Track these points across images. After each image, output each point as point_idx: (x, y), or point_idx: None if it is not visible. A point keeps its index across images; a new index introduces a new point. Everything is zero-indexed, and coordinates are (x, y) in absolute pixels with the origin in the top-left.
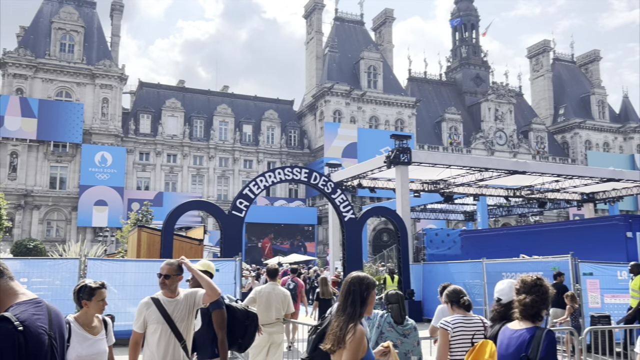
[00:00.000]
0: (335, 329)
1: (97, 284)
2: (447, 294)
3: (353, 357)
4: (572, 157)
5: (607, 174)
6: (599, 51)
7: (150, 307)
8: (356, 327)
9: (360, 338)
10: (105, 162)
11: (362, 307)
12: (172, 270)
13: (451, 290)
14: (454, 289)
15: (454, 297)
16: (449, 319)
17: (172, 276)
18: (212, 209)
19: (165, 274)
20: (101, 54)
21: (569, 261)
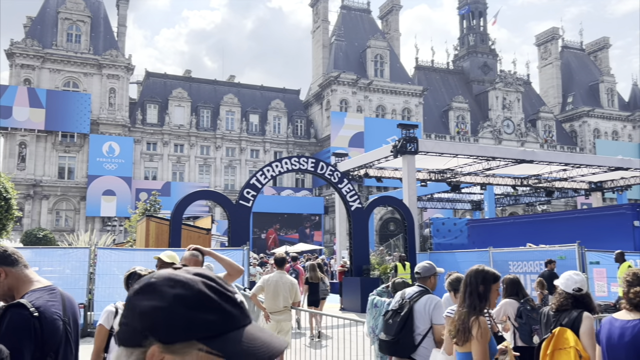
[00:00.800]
0: (457, 321)
1: (147, 271)
2: (450, 281)
3: (483, 349)
4: (581, 145)
5: (615, 162)
6: (608, 38)
7: None
8: (479, 319)
9: (486, 329)
10: (113, 152)
11: (481, 300)
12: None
13: (454, 278)
14: (457, 277)
15: (457, 285)
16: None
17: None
18: (219, 199)
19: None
20: (108, 44)
21: (576, 250)
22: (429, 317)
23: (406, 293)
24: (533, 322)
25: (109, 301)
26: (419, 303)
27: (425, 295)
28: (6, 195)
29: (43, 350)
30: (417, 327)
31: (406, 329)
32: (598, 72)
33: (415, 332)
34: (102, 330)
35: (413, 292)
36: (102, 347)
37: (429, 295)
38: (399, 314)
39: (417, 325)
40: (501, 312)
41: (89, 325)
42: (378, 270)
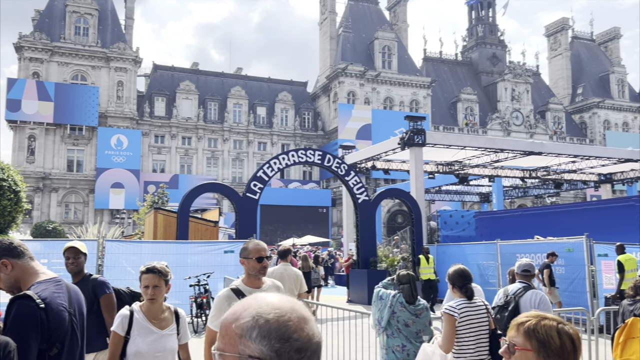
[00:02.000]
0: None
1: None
2: (450, 274)
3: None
4: (590, 137)
5: (625, 154)
6: (619, 29)
7: (233, 302)
8: None
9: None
10: (121, 145)
11: None
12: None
13: (454, 272)
14: (457, 271)
15: (456, 280)
16: (454, 304)
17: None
18: (227, 191)
19: (267, 255)
20: (115, 37)
21: (584, 242)
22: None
23: (509, 289)
24: None
25: None
26: (524, 298)
27: (530, 290)
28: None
29: (49, 341)
30: None
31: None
32: (608, 62)
33: None
34: (116, 337)
35: (516, 288)
36: (117, 354)
37: (534, 290)
38: (506, 309)
39: None
40: None
41: None
42: (385, 263)
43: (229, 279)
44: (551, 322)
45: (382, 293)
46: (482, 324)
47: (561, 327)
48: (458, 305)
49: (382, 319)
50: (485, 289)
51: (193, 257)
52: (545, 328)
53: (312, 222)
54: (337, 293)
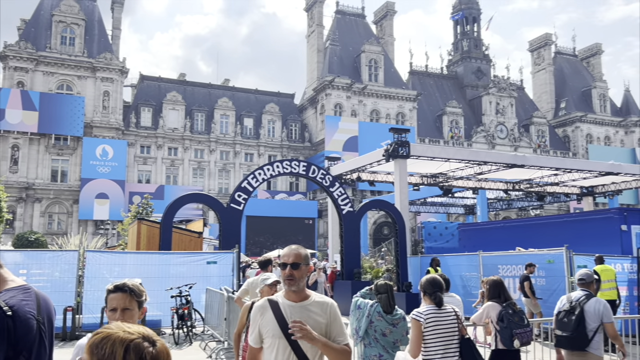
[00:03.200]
0: None
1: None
2: (421, 283)
3: None
4: (574, 150)
5: (606, 167)
6: (600, 44)
7: (266, 313)
8: None
9: None
10: (107, 155)
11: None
12: (300, 257)
13: (425, 280)
14: (428, 280)
15: (427, 288)
16: (421, 310)
17: (302, 266)
18: (210, 202)
19: (293, 262)
20: (102, 47)
21: (564, 254)
22: (598, 316)
23: (572, 296)
24: (514, 325)
25: (98, 304)
26: (588, 304)
27: (593, 298)
28: None
29: (16, 349)
30: (588, 325)
31: (580, 326)
32: (590, 77)
33: (588, 329)
34: None
35: (580, 296)
36: None
37: (596, 298)
38: (573, 314)
39: (588, 323)
40: (484, 315)
41: (77, 328)
42: (370, 274)
43: (211, 290)
44: (127, 336)
45: (360, 302)
46: (451, 330)
47: (137, 343)
48: (425, 311)
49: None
50: (468, 300)
51: (176, 268)
52: (113, 344)
53: (299, 233)
54: None
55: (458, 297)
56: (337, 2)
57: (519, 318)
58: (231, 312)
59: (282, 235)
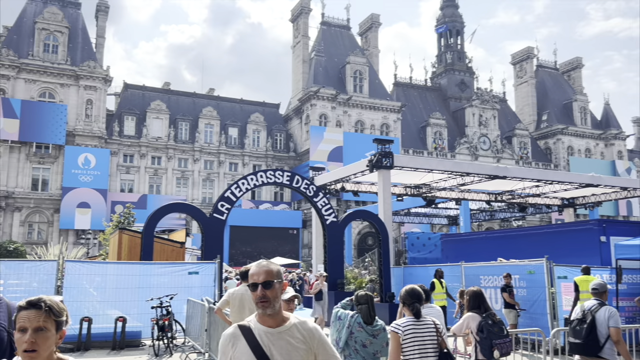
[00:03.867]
0: None
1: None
2: (401, 294)
3: None
4: (555, 162)
5: (586, 179)
6: (581, 59)
7: (239, 343)
8: None
9: None
10: (89, 163)
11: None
12: (272, 274)
13: (404, 291)
14: (407, 291)
15: (406, 299)
16: (400, 322)
17: (275, 283)
18: (192, 211)
19: (265, 281)
20: (86, 55)
21: (544, 265)
22: (607, 322)
23: (586, 305)
24: (494, 336)
25: (77, 315)
26: (599, 313)
27: (604, 306)
28: None
29: None
30: (599, 332)
31: (592, 333)
32: (571, 91)
33: (599, 336)
34: None
35: (592, 305)
36: None
37: (607, 306)
38: (585, 322)
39: (599, 330)
40: (464, 326)
41: None
42: (353, 284)
43: (192, 300)
44: None
45: (340, 313)
46: (429, 342)
47: None
48: (404, 323)
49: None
50: (451, 310)
51: (157, 278)
52: None
53: (283, 243)
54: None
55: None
56: (322, 14)
57: (498, 329)
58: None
59: (267, 245)
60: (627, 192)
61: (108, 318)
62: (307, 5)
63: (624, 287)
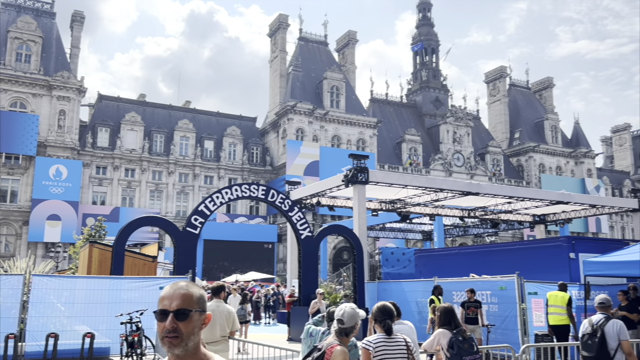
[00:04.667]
0: None
1: None
2: (373, 311)
3: None
4: (527, 179)
5: (556, 196)
6: (552, 78)
7: None
8: None
9: None
10: (60, 175)
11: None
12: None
13: (376, 308)
14: (379, 307)
15: (377, 316)
16: (371, 339)
17: (194, 314)
18: (165, 225)
19: (179, 308)
20: (59, 65)
21: (515, 281)
22: (617, 336)
23: (593, 320)
24: (464, 352)
25: (43, 331)
26: (608, 326)
27: (611, 320)
28: None
29: None
30: (609, 345)
31: (603, 347)
32: (543, 109)
33: (609, 348)
34: None
35: (599, 319)
36: None
37: (614, 320)
38: (595, 336)
39: (609, 343)
40: (435, 342)
41: (19, 357)
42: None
43: None
44: None
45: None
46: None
47: None
48: (375, 340)
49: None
50: (423, 326)
51: (127, 293)
52: None
53: (258, 257)
54: (277, 331)
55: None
56: (300, 29)
57: (468, 345)
58: None
59: (241, 259)
60: (596, 209)
61: (76, 334)
62: (285, 21)
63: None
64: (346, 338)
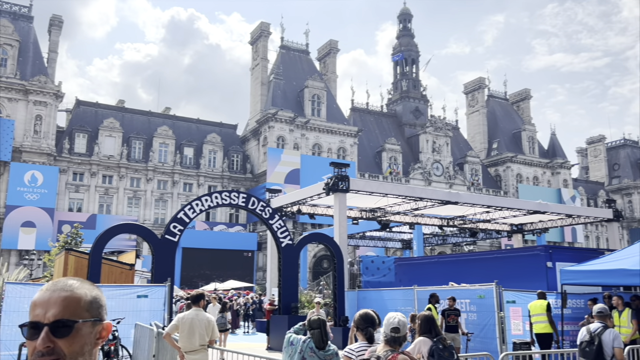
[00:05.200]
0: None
1: None
2: (355, 319)
3: None
4: (505, 189)
5: (533, 206)
6: (529, 90)
7: None
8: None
9: None
10: (36, 181)
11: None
12: (77, 306)
13: (358, 315)
14: (361, 315)
15: (359, 324)
16: (354, 347)
17: (79, 327)
18: (143, 232)
19: (57, 321)
20: (37, 69)
21: (494, 289)
22: (612, 344)
23: (591, 328)
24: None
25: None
26: (605, 335)
27: (608, 329)
28: None
29: None
30: (606, 352)
31: (600, 355)
32: (520, 120)
33: (605, 355)
34: None
35: (597, 328)
36: None
37: (610, 329)
38: (593, 344)
39: (606, 350)
40: (415, 350)
41: None
42: (308, 308)
43: (140, 325)
44: None
45: (292, 339)
46: None
47: None
48: (357, 348)
49: None
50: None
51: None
52: None
53: (237, 266)
54: (257, 340)
55: None
56: (282, 38)
57: (449, 353)
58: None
59: (221, 267)
60: (572, 219)
61: None
62: (266, 29)
63: (568, 311)
64: (398, 347)
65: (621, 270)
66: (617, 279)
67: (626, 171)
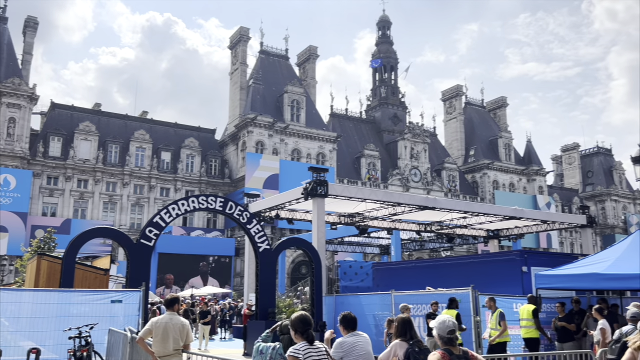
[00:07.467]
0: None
1: None
2: (291, 321)
3: None
4: (481, 195)
5: (509, 212)
6: (505, 98)
7: None
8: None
9: None
10: (8, 185)
11: None
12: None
13: (296, 318)
14: (299, 317)
15: (298, 326)
16: (298, 347)
17: None
18: (117, 237)
19: None
20: (10, 71)
21: (470, 293)
22: None
23: (623, 329)
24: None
25: None
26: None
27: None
28: None
29: None
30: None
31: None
32: (497, 128)
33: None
34: None
35: (627, 329)
36: None
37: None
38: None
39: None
40: (391, 353)
41: None
42: (285, 314)
43: (114, 330)
44: None
45: (261, 347)
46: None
47: None
48: (302, 347)
49: None
50: (380, 339)
51: (77, 307)
52: None
53: (214, 271)
54: (234, 346)
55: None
56: (261, 42)
57: (424, 356)
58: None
59: (197, 273)
60: (547, 225)
61: (20, 350)
62: (246, 34)
63: (542, 315)
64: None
65: (594, 274)
66: (590, 283)
67: (599, 178)
